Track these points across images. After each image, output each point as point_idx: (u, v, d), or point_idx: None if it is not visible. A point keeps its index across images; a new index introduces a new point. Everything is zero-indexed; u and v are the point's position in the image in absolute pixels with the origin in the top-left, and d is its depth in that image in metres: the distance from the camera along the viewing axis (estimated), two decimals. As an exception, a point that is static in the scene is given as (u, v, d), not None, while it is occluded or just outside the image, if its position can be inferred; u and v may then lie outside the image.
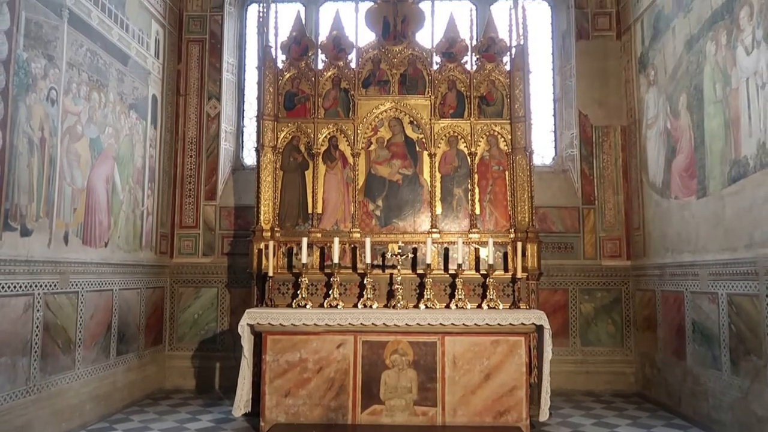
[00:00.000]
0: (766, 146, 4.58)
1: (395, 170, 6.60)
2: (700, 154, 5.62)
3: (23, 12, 4.56)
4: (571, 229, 7.37)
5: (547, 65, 7.99)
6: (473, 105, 6.56)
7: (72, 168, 5.30)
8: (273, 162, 6.50)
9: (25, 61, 4.59)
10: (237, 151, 7.96)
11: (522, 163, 6.41)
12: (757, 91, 4.70)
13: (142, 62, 6.70)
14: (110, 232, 6.00)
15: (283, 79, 6.67)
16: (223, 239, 7.44)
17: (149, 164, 6.87)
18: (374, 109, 6.59)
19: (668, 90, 6.28)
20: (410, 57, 6.68)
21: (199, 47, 7.68)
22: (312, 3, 8.03)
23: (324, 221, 6.52)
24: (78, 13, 5.38)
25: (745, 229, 4.86)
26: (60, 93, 5.09)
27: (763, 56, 4.61)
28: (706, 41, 5.48)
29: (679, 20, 6.01)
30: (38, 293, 4.80)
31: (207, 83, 7.63)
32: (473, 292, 6.19)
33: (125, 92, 6.30)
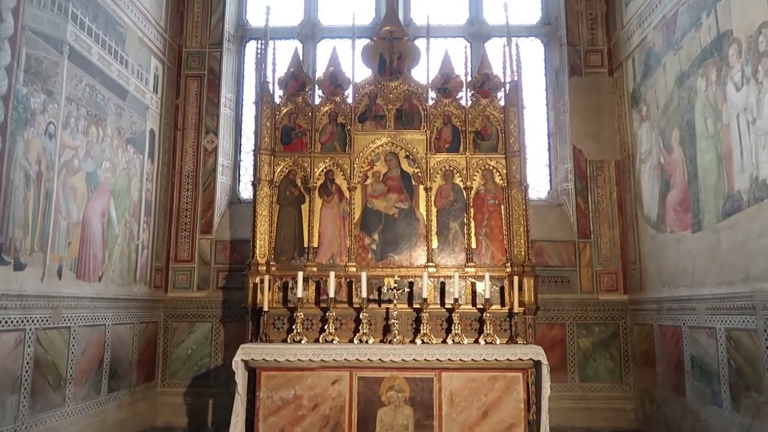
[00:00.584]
0: (758, 180, 4.62)
1: (391, 204, 6.61)
2: (694, 188, 5.66)
3: (24, 48, 4.63)
4: (568, 263, 7.35)
5: (541, 101, 8.10)
6: (468, 140, 6.63)
7: (68, 202, 5.30)
8: (269, 196, 6.51)
9: (24, 96, 4.63)
10: (234, 185, 7.98)
11: (517, 197, 6.44)
12: (747, 126, 4.77)
13: (141, 97, 6.77)
14: (105, 266, 5.96)
15: (281, 113, 6.74)
16: (218, 273, 7.40)
17: (146, 198, 6.87)
18: (370, 144, 6.65)
19: (661, 125, 6.36)
20: (406, 92, 6.77)
21: (197, 82, 7.78)
22: (309, 40, 8.17)
23: (320, 255, 6.50)
24: (78, 49, 5.46)
25: (741, 262, 4.86)
26: (58, 127, 5.12)
27: (753, 92, 4.69)
28: (697, 78, 5.58)
29: (670, 57, 6.13)
30: (30, 328, 4.73)
31: (205, 118, 7.69)
32: (470, 327, 6.14)
33: (123, 126, 6.35)
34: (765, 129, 4.55)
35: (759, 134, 4.62)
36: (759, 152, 4.62)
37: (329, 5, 8.33)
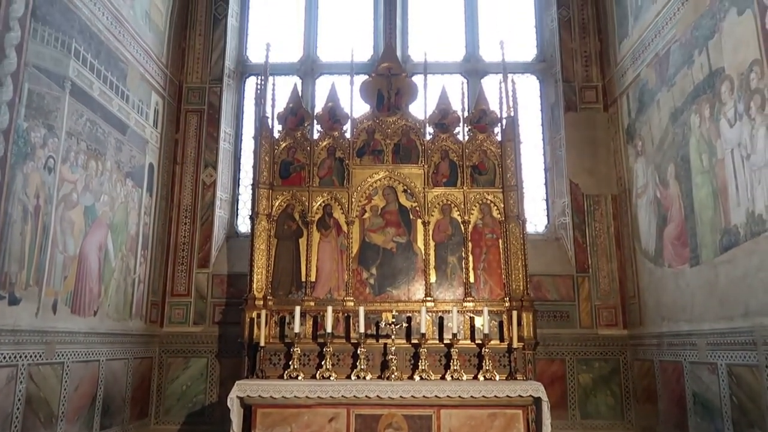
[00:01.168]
0: (755, 215, 4.64)
1: (389, 238, 6.61)
2: (691, 222, 5.68)
3: (26, 83, 4.68)
4: (566, 298, 7.32)
5: (537, 135, 8.18)
6: (466, 174, 6.67)
7: (65, 236, 5.29)
8: (267, 230, 6.51)
9: (25, 130, 4.67)
10: (231, 219, 7.98)
11: (515, 232, 6.45)
12: (742, 161, 4.82)
13: (141, 132, 6.82)
14: (100, 300, 5.91)
15: (279, 148, 6.79)
16: (215, 308, 7.34)
17: (143, 232, 6.87)
18: (368, 178, 6.69)
19: (656, 160, 6.42)
20: (404, 127, 6.84)
21: (197, 117, 7.85)
22: (309, 75, 8.29)
23: (317, 289, 6.47)
24: (80, 84, 5.52)
25: (740, 297, 4.85)
26: (58, 161, 5.14)
27: (746, 128, 4.75)
28: (690, 114, 5.66)
29: (663, 94, 6.23)
30: (22, 364, 4.66)
31: (204, 152, 7.74)
32: (469, 363, 6.07)
33: (123, 161, 6.38)
34: (759, 164, 4.59)
35: (753, 169, 4.67)
36: (754, 187, 4.66)
37: (328, 42, 8.49)
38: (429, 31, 8.51)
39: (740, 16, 4.85)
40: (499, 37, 7.60)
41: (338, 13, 8.61)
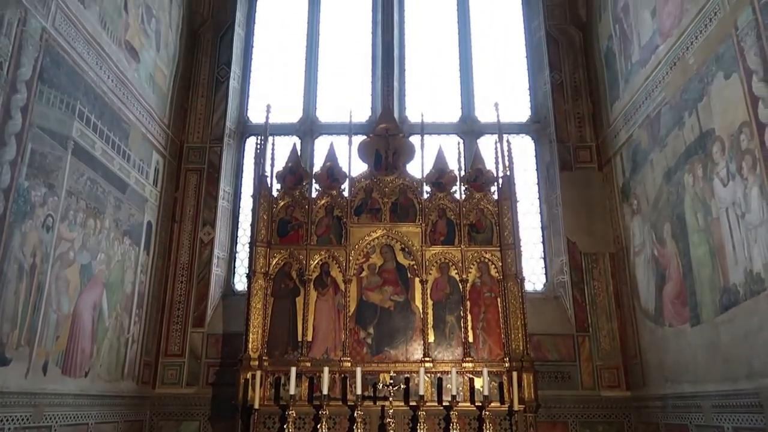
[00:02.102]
0: (753, 274, 4.63)
1: (387, 297, 6.57)
2: (690, 281, 5.66)
3: (30, 143, 4.75)
4: (567, 358, 7.19)
5: (534, 194, 8.25)
6: (463, 232, 6.70)
7: (60, 294, 5.24)
8: (264, 288, 6.47)
9: (25, 189, 4.70)
10: (228, 277, 7.93)
11: (514, 290, 6.41)
12: (737, 220, 4.85)
13: (140, 190, 6.88)
14: (92, 361, 5.79)
15: (278, 207, 6.84)
16: (209, 368, 7.18)
17: (139, 290, 6.81)
18: (366, 236, 6.70)
19: (652, 219, 6.46)
20: (401, 186, 6.92)
21: (197, 176, 7.93)
22: (308, 136, 8.44)
23: (314, 349, 6.37)
24: (83, 144, 5.61)
25: (743, 358, 4.77)
26: (56, 220, 5.16)
27: (739, 188, 4.81)
28: (684, 173, 5.73)
29: (656, 154, 6.33)
30: (8, 428, 4.51)
31: (202, 210, 7.77)
32: (469, 426, 5.91)
33: (121, 219, 6.40)
34: (755, 222, 4.62)
35: (749, 228, 4.69)
36: (751, 246, 4.67)
37: (327, 103, 8.70)
38: (426, 93, 8.74)
39: (727, 80, 5.00)
40: (494, 99, 7.80)
41: (337, 75, 8.85)
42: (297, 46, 9.01)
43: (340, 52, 8.98)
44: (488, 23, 9.07)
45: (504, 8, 9.16)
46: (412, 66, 8.86)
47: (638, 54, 6.78)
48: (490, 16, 9.11)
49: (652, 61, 6.39)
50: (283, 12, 9.21)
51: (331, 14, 9.18)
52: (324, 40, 9.02)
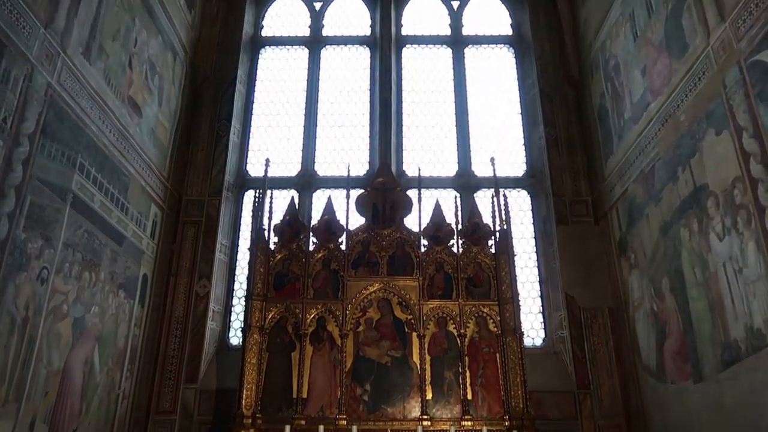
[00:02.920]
0: (753, 329, 4.59)
1: (384, 352, 6.46)
2: (690, 336, 5.59)
3: (29, 196, 4.77)
4: (569, 416, 7.01)
5: (531, 248, 8.26)
6: (461, 286, 6.65)
7: (51, 349, 5.14)
8: (259, 343, 6.37)
9: (22, 241, 4.69)
10: (223, 332, 7.82)
11: (512, 345, 6.32)
12: (735, 275, 4.84)
13: (137, 243, 6.86)
14: (80, 418, 5.63)
15: (275, 260, 6.81)
16: (201, 426, 6.96)
17: (132, 344, 6.69)
18: (363, 290, 6.65)
19: (650, 273, 6.44)
20: (398, 240, 6.92)
21: (194, 229, 7.93)
22: (306, 189, 8.51)
23: (309, 407, 6.21)
24: (82, 197, 5.63)
25: (749, 416, 4.66)
26: (51, 272, 5.12)
27: (735, 242, 4.82)
28: (680, 228, 5.76)
29: (652, 208, 6.38)
30: (-10, 490, 4.35)
31: (199, 263, 7.73)
32: (468, 488, 5.70)
33: (117, 271, 6.36)
34: (753, 277, 4.61)
35: (747, 282, 4.68)
36: (750, 300, 4.64)
37: (326, 157, 8.81)
38: (423, 148, 8.88)
39: (718, 136, 5.10)
40: (490, 154, 7.93)
41: (336, 129, 9.01)
42: (297, 102, 9.21)
43: (338, 107, 9.17)
44: (483, 80, 9.32)
45: (498, 66, 9.43)
46: (409, 121, 9.03)
47: (630, 111, 6.94)
48: (485, 74, 9.37)
49: (644, 117, 6.54)
50: (284, 69, 9.47)
51: (330, 71, 9.44)
52: (323, 95, 9.24)
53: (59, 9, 5.21)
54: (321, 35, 9.67)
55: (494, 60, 9.49)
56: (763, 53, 4.53)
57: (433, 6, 9.90)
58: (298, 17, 9.83)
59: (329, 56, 9.57)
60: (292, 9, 9.90)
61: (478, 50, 9.57)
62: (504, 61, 9.46)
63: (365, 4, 9.89)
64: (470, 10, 9.82)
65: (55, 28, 5.17)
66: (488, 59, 9.51)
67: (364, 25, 9.76)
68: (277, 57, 9.57)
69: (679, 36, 5.78)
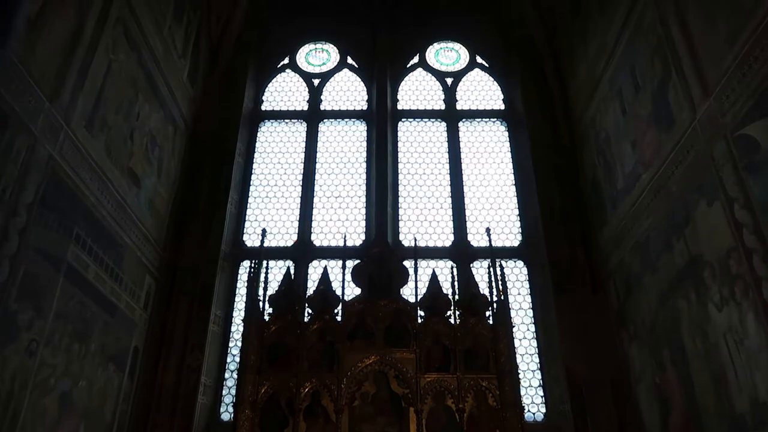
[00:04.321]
0: (759, 402, 4.47)
1: (380, 428, 6.23)
2: (694, 410, 5.43)
3: (23, 266, 4.74)
4: (573, 497, 6.70)
5: (529, 319, 8.16)
6: (459, 359, 6.50)
7: (35, 425, 4.95)
8: (251, 419, 6.14)
9: (13, 312, 4.62)
10: (215, 406, 7.57)
11: (513, 421, 6.10)
12: (737, 346, 4.77)
13: (130, 314, 6.76)
14: (61, 501, 5.34)
15: (269, 331, 6.68)
16: None
17: (118, 421, 6.45)
18: (359, 363, 6.48)
19: (650, 344, 6.34)
20: (395, 311, 6.82)
21: (188, 299, 7.82)
22: (302, 259, 8.48)
23: (302, 487, 5.92)
24: (76, 267, 5.60)
25: (760, 496, 4.46)
26: (41, 345, 5.01)
27: (735, 313, 4.78)
28: (678, 298, 5.73)
29: (649, 278, 6.36)
30: None
31: (192, 334, 7.58)
32: None
33: (107, 343, 6.23)
34: (754, 349, 4.54)
35: (749, 354, 4.60)
36: (753, 372, 4.55)
37: (322, 228, 8.85)
38: (419, 218, 8.94)
39: (710, 207, 5.16)
40: (486, 224, 7.99)
41: (332, 200, 9.10)
42: (294, 173, 9.36)
43: (335, 179, 9.31)
44: (477, 152, 9.52)
45: (492, 138, 9.66)
46: (405, 192, 9.15)
47: (623, 182, 7.06)
48: (479, 146, 9.58)
49: (637, 188, 6.64)
50: (283, 142, 9.68)
51: (327, 144, 9.65)
52: (320, 167, 9.40)
53: (65, 84, 5.37)
54: (319, 110, 9.96)
55: (488, 133, 9.74)
56: (748, 127, 4.67)
57: (428, 82, 10.27)
58: (297, 92, 10.16)
59: (327, 130, 9.81)
60: (291, 85, 10.25)
61: (472, 124, 9.84)
62: (497, 135, 9.71)
63: (362, 80, 10.25)
64: (463, 86, 10.19)
65: (60, 102, 5.31)
66: (482, 132, 9.76)
67: (360, 100, 10.08)
68: (276, 130, 9.81)
69: (665, 111, 5.97)
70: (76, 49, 5.52)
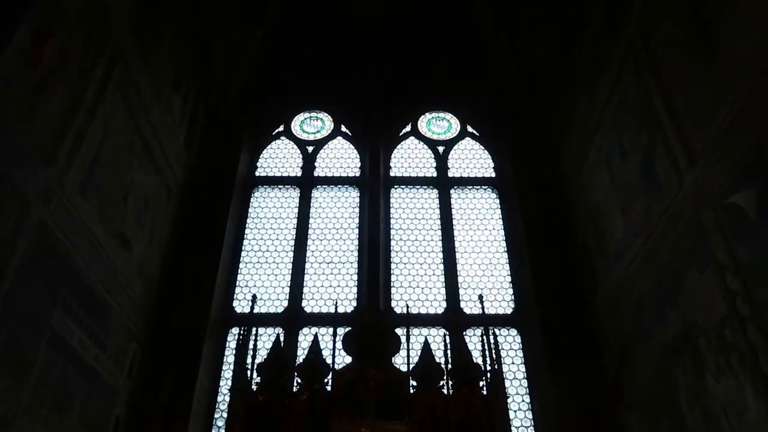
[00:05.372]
0: (765, 479, 4.31)
1: (371, 505, 5.94)
2: (699, 488, 5.23)
3: (4, 331, 4.60)
4: None
5: (524, 389, 7.96)
6: (452, 430, 6.29)
7: (5, 502, 4.68)
8: (235, 496, 5.84)
9: (-10, 381, 4.46)
10: (196, 483, 7.22)
11: (509, 497, 5.85)
12: (737, 419, 4.65)
13: (113, 381, 6.55)
14: None
15: (256, 402, 6.46)
16: None
17: (95, 497, 6.12)
18: (349, 435, 6.26)
19: (649, 416, 6.18)
20: (386, 380, 6.64)
21: (174, 367, 7.59)
22: (292, 326, 8.33)
23: None
24: (61, 334, 5.45)
25: None
26: (17, 415, 4.80)
27: (732, 383, 4.68)
28: (674, 366, 5.62)
29: (644, 346, 6.27)
30: None
31: (176, 404, 7.32)
32: None
33: (87, 414, 5.98)
34: (754, 421, 4.42)
35: (750, 426, 4.48)
36: (756, 447, 4.42)
37: (313, 294, 8.74)
38: (411, 285, 8.87)
39: (702, 275, 5.16)
40: (478, 291, 7.93)
41: (324, 267, 9.04)
42: (286, 239, 9.34)
43: (327, 244, 9.30)
44: (469, 219, 9.58)
45: (483, 206, 9.75)
46: (397, 259, 9.12)
47: (614, 248, 7.07)
48: (470, 213, 9.65)
49: (628, 256, 6.65)
50: (275, 207, 9.72)
51: (320, 210, 9.70)
52: (312, 233, 9.40)
53: (62, 148, 5.38)
54: (313, 176, 10.07)
55: (479, 200, 9.84)
56: (735, 197, 4.73)
57: (420, 150, 10.47)
58: (291, 159, 10.32)
59: (320, 196, 9.89)
60: (286, 152, 10.42)
61: (464, 191, 9.96)
62: (488, 202, 9.81)
63: (355, 147, 10.44)
64: (455, 154, 10.39)
65: (56, 167, 5.32)
66: (473, 200, 9.86)
67: (354, 167, 10.22)
68: (269, 196, 9.88)
69: (653, 179, 6.06)
70: (75, 115, 5.57)
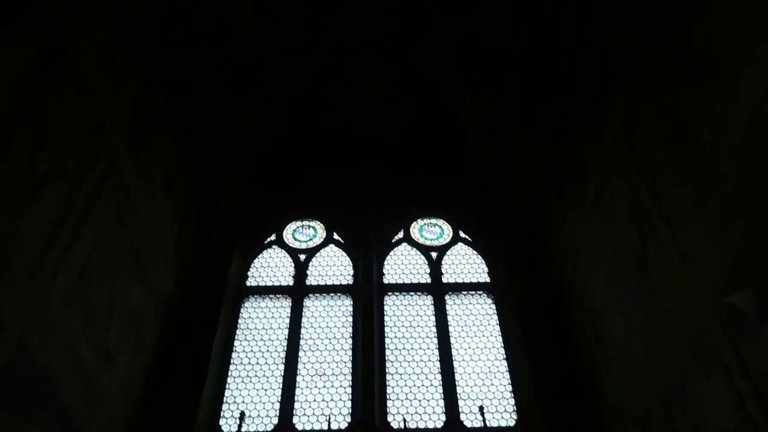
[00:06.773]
0: None
1: None
2: None
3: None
4: None
5: None
6: None
7: None
8: None
9: None
10: None
11: None
12: None
13: None
14: None
15: None
16: None
17: None
18: None
19: None
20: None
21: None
22: (282, 445, 7.84)
23: None
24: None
25: None
26: None
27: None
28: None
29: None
30: None
31: None
32: None
33: None
34: None
35: None
36: None
37: (305, 409, 8.29)
38: (407, 397, 8.46)
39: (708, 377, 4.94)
40: (478, 402, 7.57)
41: (317, 379, 8.67)
42: (277, 351, 9.02)
43: (320, 355, 8.98)
44: (465, 325, 9.35)
45: (479, 311, 9.55)
46: (393, 369, 8.78)
47: (615, 352, 6.85)
48: (466, 319, 9.44)
49: (630, 359, 6.42)
50: (266, 318, 9.48)
51: (312, 319, 9.46)
52: (304, 343, 9.10)
53: (48, 259, 5.26)
54: (305, 284, 9.94)
55: (475, 306, 9.67)
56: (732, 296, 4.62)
57: (413, 256, 10.45)
58: (283, 268, 10.23)
59: (312, 305, 9.71)
60: (278, 260, 10.36)
61: (459, 297, 9.81)
62: (485, 308, 9.63)
63: (347, 255, 10.42)
64: (448, 260, 10.35)
65: (41, 279, 5.17)
66: (469, 305, 9.69)
67: (347, 274, 10.13)
68: (259, 306, 9.67)
69: (648, 278, 5.98)
70: (64, 225, 5.49)
